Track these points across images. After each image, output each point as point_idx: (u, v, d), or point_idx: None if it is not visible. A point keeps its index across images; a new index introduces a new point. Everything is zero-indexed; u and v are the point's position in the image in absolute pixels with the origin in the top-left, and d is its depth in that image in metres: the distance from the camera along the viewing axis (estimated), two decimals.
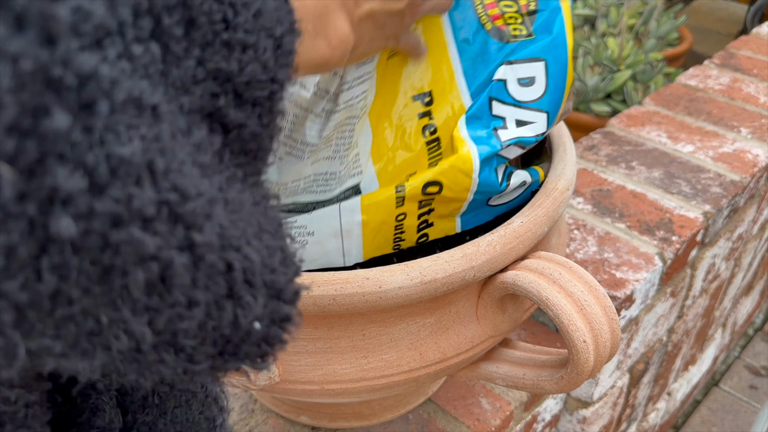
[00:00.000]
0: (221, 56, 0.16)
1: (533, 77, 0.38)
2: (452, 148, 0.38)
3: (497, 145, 0.37)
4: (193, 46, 0.15)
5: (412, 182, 0.37)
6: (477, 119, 0.38)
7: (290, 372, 0.36)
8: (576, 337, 0.34)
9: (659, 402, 0.89)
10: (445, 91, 0.38)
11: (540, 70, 0.38)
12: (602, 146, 0.77)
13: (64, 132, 0.11)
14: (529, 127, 0.38)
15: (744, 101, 0.86)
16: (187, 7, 0.15)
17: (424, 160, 0.38)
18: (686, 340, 0.84)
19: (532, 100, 0.38)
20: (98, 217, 0.11)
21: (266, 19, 0.17)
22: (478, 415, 0.52)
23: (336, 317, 0.35)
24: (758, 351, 1.19)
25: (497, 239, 0.35)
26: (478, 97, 0.38)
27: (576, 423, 0.66)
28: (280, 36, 0.17)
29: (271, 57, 0.17)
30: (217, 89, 0.16)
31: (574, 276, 0.35)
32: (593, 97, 1.27)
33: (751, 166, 0.74)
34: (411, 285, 0.33)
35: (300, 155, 0.35)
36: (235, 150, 0.17)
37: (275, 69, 0.17)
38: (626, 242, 0.63)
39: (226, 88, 0.16)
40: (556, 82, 0.38)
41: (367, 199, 0.37)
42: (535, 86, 0.38)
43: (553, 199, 0.38)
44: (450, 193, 0.37)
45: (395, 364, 0.36)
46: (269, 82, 0.17)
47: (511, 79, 0.38)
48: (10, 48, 0.10)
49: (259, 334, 0.15)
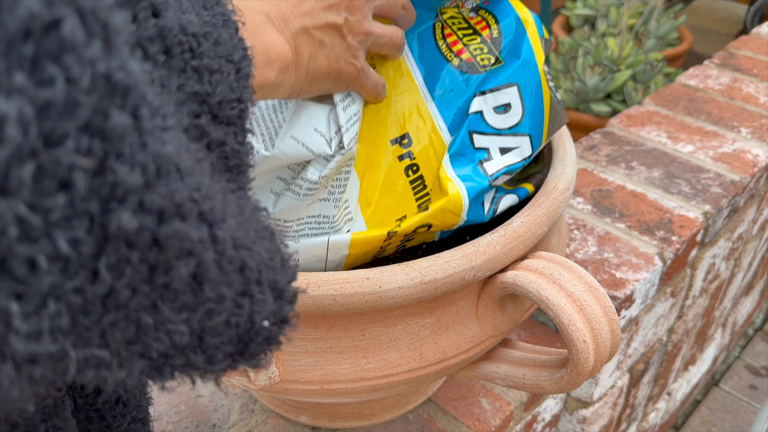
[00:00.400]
0: (194, 80, 0.18)
1: (508, 103, 0.38)
2: (440, 189, 0.38)
3: (485, 180, 0.38)
4: (172, 72, 0.17)
5: (404, 226, 0.37)
6: (461, 155, 0.39)
7: (290, 372, 0.36)
8: (576, 337, 0.34)
9: (659, 402, 0.89)
10: (421, 130, 0.39)
11: (514, 95, 0.38)
12: (602, 146, 0.77)
13: (123, 132, 0.12)
14: (514, 152, 0.39)
15: (744, 101, 0.86)
16: (163, 38, 0.16)
17: (410, 200, 0.39)
18: (686, 340, 0.84)
19: (512, 125, 0.39)
20: (149, 212, 0.12)
21: (224, 48, 0.19)
22: (478, 415, 0.52)
23: (336, 317, 0.35)
24: (758, 351, 1.19)
25: (497, 239, 0.35)
26: (458, 133, 0.39)
27: (576, 423, 0.66)
28: (238, 61, 0.19)
29: (233, 79, 0.19)
30: (198, 109, 0.18)
31: (574, 276, 0.35)
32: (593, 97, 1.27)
33: (751, 166, 0.74)
34: (411, 285, 0.33)
35: (298, 192, 0.35)
36: (219, 168, 0.18)
37: (239, 90, 0.19)
38: (626, 242, 0.63)
39: (204, 109, 0.18)
40: (533, 103, 0.39)
41: (357, 237, 0.37)
42: (512, 111, 0.39)
43: (553, 199, 0.38)
44: (437, 229, 0.38)
45: (395, 364, 0.36)
46: (237, 101, 0.19)
47: (486, 109, 0.38)
48: (87, 53, 0.11)
49: (266, 333, 0.16)
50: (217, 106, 0.18)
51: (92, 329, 0.13)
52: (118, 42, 0.12)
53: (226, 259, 0.14)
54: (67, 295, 0.12)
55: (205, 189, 0.14)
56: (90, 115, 0.11)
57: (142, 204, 0.12)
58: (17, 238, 0.11)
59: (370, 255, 0.39)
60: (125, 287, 0.12)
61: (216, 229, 0.14)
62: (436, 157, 0.39)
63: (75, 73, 0.11)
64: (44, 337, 0.12)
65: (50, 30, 0.10)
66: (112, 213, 0.12)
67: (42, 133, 0.11)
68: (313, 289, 0.32)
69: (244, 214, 0.16)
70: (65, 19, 0.11)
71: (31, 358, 0.12)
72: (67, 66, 0.11)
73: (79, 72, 0.11)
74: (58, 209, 0.11)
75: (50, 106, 0.11)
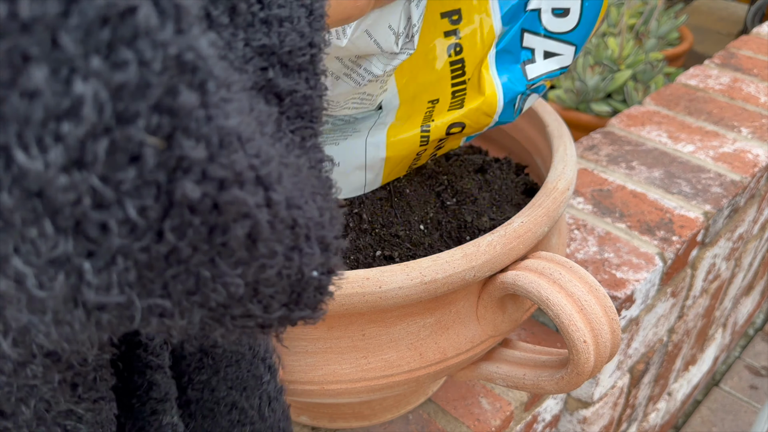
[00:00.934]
0: (262, 33, 0.18)
1: (568, 8, 0.37)
2: (478, 85, 0.37)
3: (523, 84, 0.37)
4: (238, 29, 0.17)
5: (437, 123, 0.37)
6: (508, 53, 0.37)
7: (290, 372, 0.36)
8: (576, 338, 0.34)
9: (659, 402, 0.88)
10: (474, 10, 0.37)
11: (576, 1, 0.37)
12: (602, 146, 0.77)
13: (190, 109, 0.12)
14: (556, 59, 0.38)
15: (744, 101, 0.86)
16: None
17: (446, 83, 0.38)
18: (686, 340, 0.84)
19: (564, 32, 0.37)
20: (211, 181, 0.13)
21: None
22: (478, 415, 0.52)
23: (336, 317, 0.35)
24: (758, 351, 1.19)
25: (497, 239, 0.35)
26: (510, 27, 0.37)
27: (576, 423, 0.65)
28: (311, 3, 0.19)
29: (305, 25, 0.19)
30: (265, 63, 0.18)
31: (575, 276, 0.35)
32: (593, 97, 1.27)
33: (751, 166, 0.74)
34: (411, 285, 0.33)
35: (359, 81, 0.35)
36: (291, 116, 0.19)
37: (311, 34, 0.19)
38: (626, 242, 0.63)
39: (272, 61, 0.18)
40: (590, 14, 0.37)
41: (392, 136, 0.37)
42: (569, 18, 0.37)
43: (554, 198, 0.38)
44: (470, 130, 0.38)
45: (395, 365, 0.36)
46: (308, 47, 0.19)
47: (545, 8, 0.37)
48: (160, 37, 0.12)
49: (316, 282, 0.17)
50: (287, 55, 0.18)
51: (156, 282, 0.14)
52: (189, 22, 0.12)
53: (278, 219, 0.15)
54: (134, 253, 0.13)
55: (265, 154, 0.15)
56: (161, 95, 0.12)
57: (205, 174, 0.13)
58: (91, 205, 0.12)
59: (407, 163, 0.38)
60: (187, 246, 0.13)
61: (271, 191, 0.15)
62: (482, 44, 0.37)
63: (148, 56, 0.11)
64: (113, 290, 0.13)
65: (126, 16, 0.11)
66: (178, 182, 0.13)
67: (115, 113, 0.11)
68: None
69: (301, 173, 0.17)
70: (140, 7, 0.11)
71: (100, 306, 0.13)
72: (141, 50, 0.11)
73: (151, 55, 0.12)
74: (129, 181, 0.12)
75: (124, 87, 0.11)
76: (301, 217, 0.16)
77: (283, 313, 0.17)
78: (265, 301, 0.16)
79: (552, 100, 1.31)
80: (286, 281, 0.16)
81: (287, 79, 0.18)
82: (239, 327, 0.17)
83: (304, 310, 0.18)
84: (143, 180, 0.12)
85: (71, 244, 0.12)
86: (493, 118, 0.37)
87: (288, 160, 0.17)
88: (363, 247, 0.41)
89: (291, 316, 0.17)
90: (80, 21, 0.11)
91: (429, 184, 0.44)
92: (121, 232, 0.13)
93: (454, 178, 0.44)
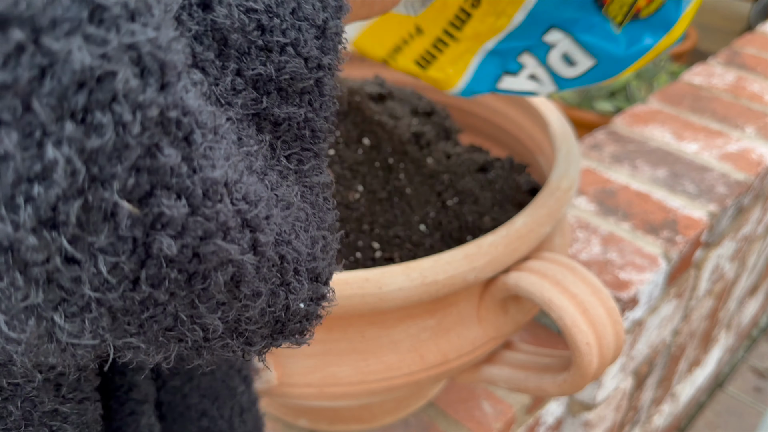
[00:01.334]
0: (259, 61, 0.16)
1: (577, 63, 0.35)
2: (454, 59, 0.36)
3: (487, 88, 0.36)
4: (229, 60, 0.16)
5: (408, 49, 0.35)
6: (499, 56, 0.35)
7: (288, 375, 0.36)
8: (579, 340, 0.34)
9: (663, 404, 0.88)
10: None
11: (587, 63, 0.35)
12: (606, 145, 0.76)
13: (172, 166, 0.12)
14: (536, 85, 0.36)
15: (749, 99, 0.85)
16: (217, 29, 0.15)
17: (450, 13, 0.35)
18: (691, 342, 0.83)
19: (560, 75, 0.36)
20: (192, 234, 0.13)
21: (306, 10, 0.16)
22: (480, 418, 0.51)
23: (335, 319, 0.34)
24: (763, 353, 1.18)
25: (499, 240, 0.35)
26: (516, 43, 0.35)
27: (579, 426, 0.65)
28: (324, 21, 0.17)
29: (313, 47, 0.17)
30: (258, 94, 0.16)
31: (578, 277, 0.35)
32: (597, 95, 1.27)
33: (756, 165, 0.73)
34: (411, 286, 0.32)
35: None
36: (288, 139, 0.17)
37: (320, 57, 0.17)
38: (630, 242, 0.63)
39: (268, 89, 0.16)
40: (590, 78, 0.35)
41: None
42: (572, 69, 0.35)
43: (557, 198, 0.37)
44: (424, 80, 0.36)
45: (395, 367, 0.36)
46: (315, 69, 0.17)
47: (559, 49, 0.35)
48: (140, 98, 0.11)
49: (303, 313, 0.17)
50: (286, 82, 0.16)
51: (131, 324, 0.14)
52: (174, 78, 0.12)
53: (265, 259, 0.15)
54: (108, 301, 0.13)
55: (253, 195, 0.14)
56: (139, 156, 0.11)
57: (185, 229, 0.13)
58: (62, 262, 0.12)
59: None
60: (163, 293, 0.13)
61: (258, 233, 0.14)
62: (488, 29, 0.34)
63: (126, 118, 0.11)
64: (85, 334, 0.13)
65: (104, 80, 0.11)
66: (155, 238, 0.12)
67: (89, 176, 0.11)
68: None
69: (294, 204, 0.16)
70: (119, 71, 0.11)
71: (73, 346, 0.13)
72: (119, 113, 0.11)
73: (130, 118, 0.11)
74: (102, 239, 0.12)
75: (99, 151, 0.11)
76: (291, 252, 0.16)
77: (266, 343, 0.17)
78: (247, 335, 0.16)
79: (555, 99, 1.31)
80: (270, 316, 0.16)
81: (285, 105, 0.17)
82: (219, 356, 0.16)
83: (289, 338, 0.17)
84: (118, 237, 0.12)
85: (41, 296, 0.12)
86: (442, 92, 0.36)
87: (280, 191, 0.16)
88: (363, 248, 0.40)
89: (274, 344, 0.17)
90: (54, 86, 0.10)
91: (430, 183, 0.43)
92: (93, 284, 0.12)
93: (455, 177, 0.43)
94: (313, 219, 0.17)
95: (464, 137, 0.54)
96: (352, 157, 0.42)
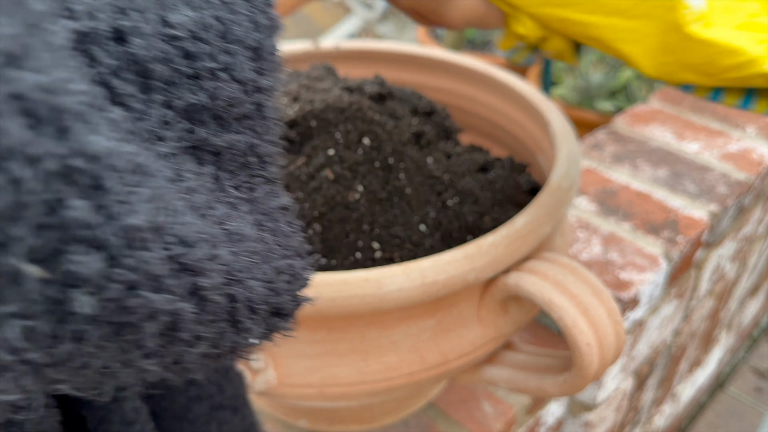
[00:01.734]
0: (189, 90, 0.15)
1: None
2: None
3: None
4: (155, 92, 0.15)
5: None
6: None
7: (288, 375, 0.36)
8: (580, 340, 0.34)
9: (664, 405, 0.88)
10: None
11: None
12: (607, 144, 0.76)
13: (81, 219, 0.11)
14: None
15: None
16: (137, 62, 0.14)
17: None
18: (691, 342, 0.83)
19: None
20: (114, 288, 0.12)
21: (237, 32, 0.15)
22: (480, 418, 0.51)
23: (335, 320, 0.34)
24: (764, 353, 1.18)
25: (500, 240, 0.34)
26: None
27: (580, 426, 0.65)
28: (258, 42, 0.16)
29: (249, 69, 0.16)
30: (192, 125, 0.15)
31: (579, 278, 0.35)
32: (597, 95, 1.26)
33: (756, 165, 0.73)
34: (412, 287, 0.32)
35: None
36: (232, 169, 0.16)
37: (257, 79, 0.16)
38: (631, 243, 0.62)
39: (203, 117, 0.15)
40: None
41: None
42: None
43: (557, 198, 0.37)
44: None
45: (395, 367, 0.36)
46: (253, 92, 0.16)
47: None
48: (33, 151, 0.10)
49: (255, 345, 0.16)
50: (223, 109, 0.15)
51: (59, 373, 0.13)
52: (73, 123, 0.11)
53: (209, 303, 0.13)
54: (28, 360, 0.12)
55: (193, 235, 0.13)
56: (41, 214, 0.10)
57: (105, 284, 0.11)
58: None
59: None
60: (90, 346, 0.12)
61: (200, 277, 0.13)
62: None
63: (19, 175, 0.10)
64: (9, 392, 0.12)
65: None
66: (70, 297, 0.11)
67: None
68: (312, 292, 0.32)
69: (249, 236, 0.15)
70: (4, 125, 0.10)
71: None
72: (10, 170, 0.10)
73: (26, 174, 0.10)
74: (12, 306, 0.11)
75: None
76: (242, 292, 0.14)
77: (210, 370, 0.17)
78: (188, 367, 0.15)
79: (555, 98, 1.31)
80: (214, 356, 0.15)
81: (225, 133, 0.16)
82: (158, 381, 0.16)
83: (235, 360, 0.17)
84: (26, 300, 0.11)
85: None
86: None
87: (231, 225, 0.15)
88: (363, 248, 0.40)
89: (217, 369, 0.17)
90: None
91: (430, 183, 0.43)
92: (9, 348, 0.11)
93: (455, 177, 0.43)
94: (275, 247, 0.16)
95: (464, 137, 0.54)
96: (352, 157, 0.42)
